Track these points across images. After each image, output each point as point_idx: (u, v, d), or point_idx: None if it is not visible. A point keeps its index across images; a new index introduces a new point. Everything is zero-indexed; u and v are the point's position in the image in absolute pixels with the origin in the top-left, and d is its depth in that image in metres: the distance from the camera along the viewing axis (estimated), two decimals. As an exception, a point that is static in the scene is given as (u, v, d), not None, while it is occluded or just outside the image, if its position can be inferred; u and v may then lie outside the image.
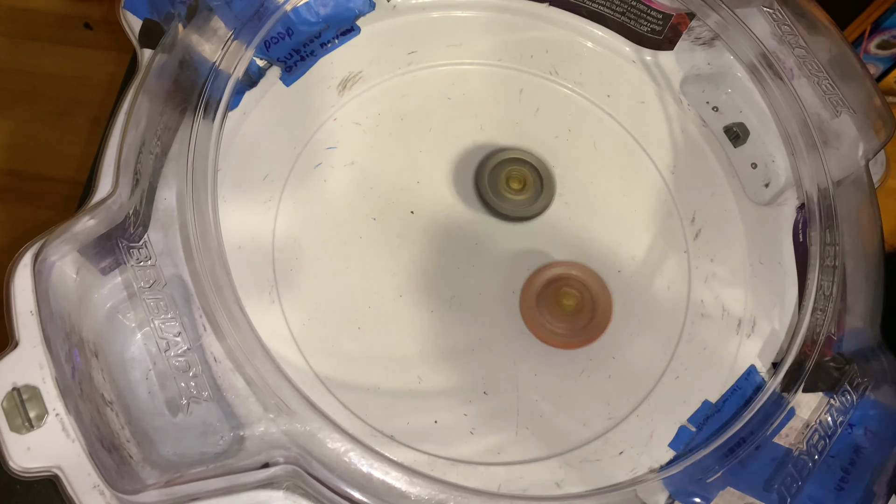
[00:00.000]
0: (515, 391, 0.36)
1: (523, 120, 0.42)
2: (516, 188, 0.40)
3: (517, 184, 0.40)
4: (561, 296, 0.37)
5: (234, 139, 0.39)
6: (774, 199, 0.42)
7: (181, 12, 0.37)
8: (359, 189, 0.39)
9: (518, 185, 0.40)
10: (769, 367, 0.38)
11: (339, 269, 0.38)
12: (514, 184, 0.40)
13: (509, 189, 0.39)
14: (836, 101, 0.40)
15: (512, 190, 0.40)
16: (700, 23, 0.43)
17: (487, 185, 0.39)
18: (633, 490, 0.33)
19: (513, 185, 0.40)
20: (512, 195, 0.40)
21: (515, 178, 0.40)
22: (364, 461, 0.31)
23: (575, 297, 0.37)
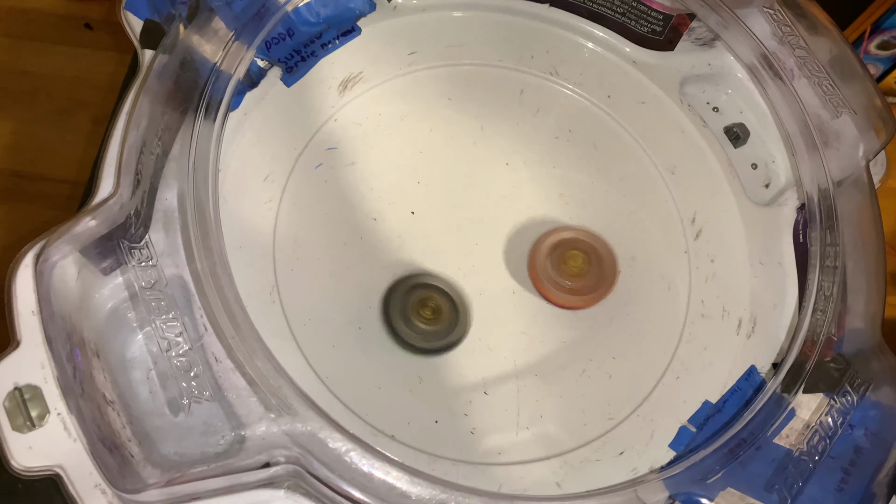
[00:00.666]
0: (516, 391, 0.36)
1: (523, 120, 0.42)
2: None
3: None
4: (567, 257, 0.38)
5: (235, 140, 0.39)
6: (775, 199, 0.42)
7: (182, 13, 0.37)
8: (359, 189, 0.39)
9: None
10: (769, 367, 0.38)
11: (340, 270, 0.38)
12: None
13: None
14: (837, 101, 0.40)
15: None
16: (700, 23, 0.43)
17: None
18: (633, 490, 0.33)
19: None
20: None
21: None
22: (365, 461, 0.31)
23: (581, 257, 0.38)
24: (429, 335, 0.37)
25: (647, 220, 0.41)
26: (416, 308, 0.37)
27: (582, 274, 0.38)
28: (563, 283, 0.37)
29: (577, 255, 0.38)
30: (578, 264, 0.38)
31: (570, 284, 0.37)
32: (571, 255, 0.38)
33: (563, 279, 0.37)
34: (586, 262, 0.38)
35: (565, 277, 0.37)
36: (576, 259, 0.38)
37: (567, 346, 0.38)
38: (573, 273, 0.38)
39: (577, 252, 0.38)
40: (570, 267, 0.38)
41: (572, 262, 0.38)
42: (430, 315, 0.37)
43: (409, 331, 0.36)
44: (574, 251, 0.38)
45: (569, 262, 0.38)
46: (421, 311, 0.37)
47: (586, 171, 0.42)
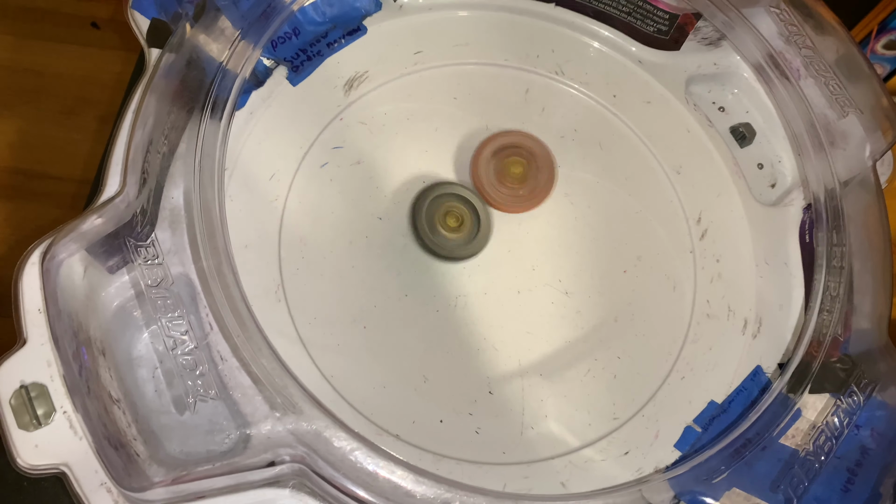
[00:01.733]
0: (521, 391, 0.36)
1: (529, 120, 0.42)
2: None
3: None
4: (509, 164, 0.40)
5: (241, 138, 0.39)
6: (781, 199, 0.42)
7: (189, 12, 0.37)
8: (365, 188, 0.39)
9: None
10: (775, 367, 0.38)
11: (345, 269, 0.38)
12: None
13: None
14: (843, 101, 0.40)
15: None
16: (706, 23, 0.43)
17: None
18: (638, 490, 0.33)
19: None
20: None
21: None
22: (370, 460, 0.31)
23: (521, 164, 0.40)
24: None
25: (652, 219, 0.41)
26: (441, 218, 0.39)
27: (523, 179, 0.40)
28: (505, 188, 0.39)
29: (517, 162, 0.40)
30: (519, 171, 0.40)
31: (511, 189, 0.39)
32: (512, 161, 0.40)
33: (504, 185, 0.39)
34: (526, 167, 0.40)
35: (506, 182, 0.39)
36: (517, 165, 0.40)
37: (572, 345, 0.38)
38: (515, 179, 0.39)
39: (517, 158, 0.40)
40: (512, 173, 0.39)
41: (513, 169, 0.40)
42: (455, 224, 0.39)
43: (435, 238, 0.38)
44: (515, 157, 0.40)
45: (510, 169, 0.39)
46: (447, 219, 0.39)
47: (591, 170, 0.42)
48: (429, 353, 0.37)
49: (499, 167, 0.39)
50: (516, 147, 0.40)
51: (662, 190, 0.42)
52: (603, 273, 0.39)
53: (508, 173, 0.39)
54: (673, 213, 0.41)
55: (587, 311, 0.38)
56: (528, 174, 0.40)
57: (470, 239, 0.39)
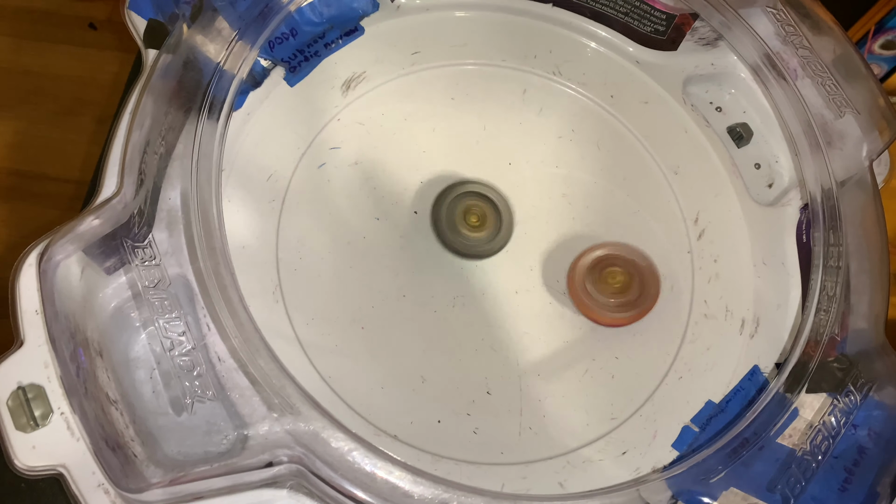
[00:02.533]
0: (518, 391, 0.36)
1: (526, 120, 0.42)
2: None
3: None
4: (607, 275, 0.38)
5: (239, 139, 0.39)
6: (778, 199, 0.42)
7: (185, 12, 0.37)
8: (362, 189, 0.39)
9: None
10: (772, 367, 0.38)
11: (343, 269, 0.38)
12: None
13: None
14: (840, 101, 0.40)
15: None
16: (703, 23, 0.43)
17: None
18: (636, 490, 0.33)
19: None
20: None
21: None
22: (368, 460, 0.31)
23: (621, 274, 0.38)
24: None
25: (650, 219, 0.41)
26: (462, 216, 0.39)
27: (624, 290, 0.37)
28: (607, 301, 0.37)
29: (616, 272, 0.38)
30: (619, 280, 0.37)
31: (614, 301, 0.37)
32: (611, 272, 0.38)
33: (604, 297, 0.37)
34: (626, 277, 0.38)
35: (607, 295, 0.37)
36: (615, 276, 0.38)
37: (570, 345, 0.38)
38: (615, 290, 0.37)
39: (616, 269, 0.38)
40: (611, 284, 0.37)
41: (611, 280, 0.37)
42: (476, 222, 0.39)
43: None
44: (613, 268, 0.38)
45: (608, 280, 0.37)
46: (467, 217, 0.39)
47: (589, 170, 0.42)
48: (427, 353, 0.37)
49: (598, 278, 0.38)
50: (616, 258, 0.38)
51: (660, 190, 0.42)
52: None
53: (607, 284, 0.38)
54: (670, 214, 0.41)
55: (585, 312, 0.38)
56: (630, 285, 0.38)
57: (492, 237, 0.39)
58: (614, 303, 0.37)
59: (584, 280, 0.37)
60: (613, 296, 0.37)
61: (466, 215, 0.39)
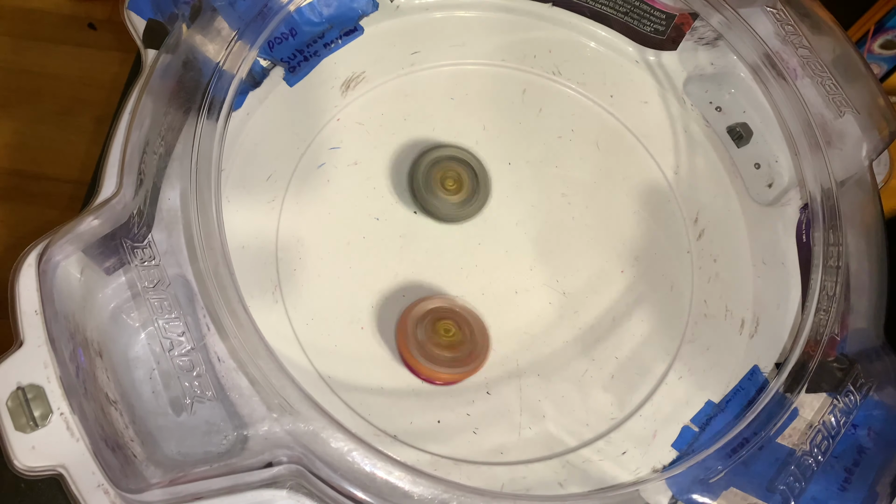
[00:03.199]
0: (518, 391, 0.36)
1: (526, 120, 0.42)
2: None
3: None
4: (440, 327, 0.35)
5: (238, 139, 0.39)
6: (778, 199, 0.42)
7: (185, 12, 0.37)
8: (362, 189, 0.39)
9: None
10: (772, 367, 0.38)
11: (343, 269, 0.38)
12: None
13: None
14: (840, 101, 0.40)
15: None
16: (703, 23, 0.43)
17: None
18: (636, 490, 0.33)
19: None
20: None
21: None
22: (367, 461, 0.31)
23: (454, 329, 0.35)
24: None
25: (649, 219, 0.41)
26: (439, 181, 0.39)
27: (455, 345, 0.35)
28: (440, 355, 0.35)
29: (449, 326, 0.35)
30: (451, 334, 0.35)
31: (446, 355, 0.35)
32: (444, 324, 0.35)
33: (437, 350, 0.35)
34: (458, 331, 0.35)
35: (439, 349, 0.35)
36: (448, 330, 0.35)
37: (569, 345, 0.38)
38: (446, 343, 0.35)
39: (449, 322, 0.35)
40: (442, 337, 0.35)
41: (444, 333, 0.35)
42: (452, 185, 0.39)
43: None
44: (446, 321, 0.35)
45: (440, 332, 0.35)
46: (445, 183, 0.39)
47: (589, 170, 0.42)
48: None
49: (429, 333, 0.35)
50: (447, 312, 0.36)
51: (660, 190, 0.42)
52: (600, 273, 0.39)
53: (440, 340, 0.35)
54: (670, 213, 0.41)
55: (585, 312, 0.38)
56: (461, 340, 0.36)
57: (469, 199, 0.39)
58: (446, 357, 0.35)
59: (415, 330, 0.35)
60: (445, 350, 0.35)
61: (444, 180, 0.39)
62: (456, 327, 0.35)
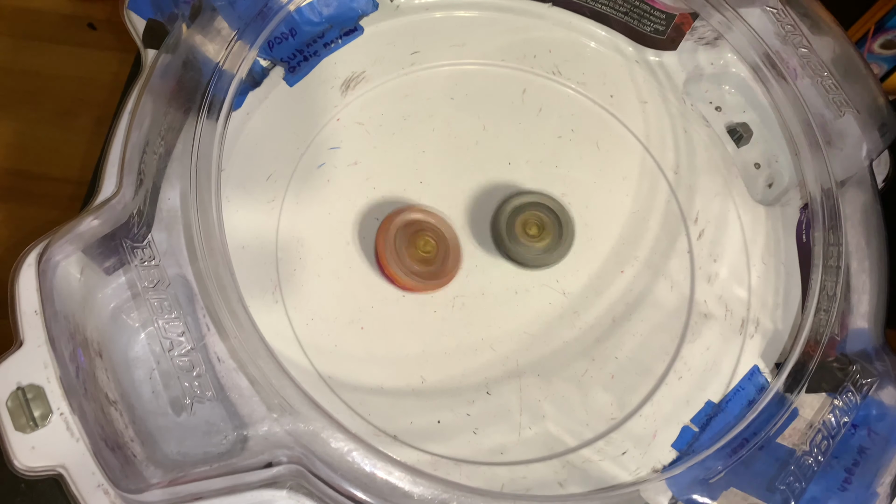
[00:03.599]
0: (518, 391, 0.36)
1: (526, 120, 0.42)
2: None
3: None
4: (418, 239, 0.37)
5: (238, 139, 0.39)
6: (778, 199, 0.42)
7: (185, 12, 0.37)
8: (362, 189, 0.39)
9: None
10: (772, 367, 0.38)
11: (342, 270, 0.38)
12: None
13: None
14: (840, 101, 0.40)
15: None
16: (703, 23, 0.43)
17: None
18: (636, 490, 0.33)
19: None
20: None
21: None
22: (367, 461, 0.31)
23: (431, 243, 0.37)
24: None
25: (649, 219, 0.41)
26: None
27: (430, 259, 0.37)
28: (412, 266, 0.37)
29: (428, 240, 0.37)
30: (429, 249, 0.37)
31: (419, 268, 0.37)
32: (423, 238, 0.37)
33: (412, 262, 0.37)
34: (435, 246, 0.37)
35: (414, 261, 0.37)
36: (426, 243, 0.37)
37: (569, 345, 0.38)
38: (421, 257, 0.37)
39: (427, 236, 0.37)
40: (420, 251, 0.37)
41: (422, 246, 0.37)
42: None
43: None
44: (425, 234, 0.37)
45: (418, 245, 0.37)
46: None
47: (589, 170, 0.42)
48: (426, 353, 0.37)
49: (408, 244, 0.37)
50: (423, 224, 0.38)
51: (660, 190, 0.42)
52: (600, 273, 0.39)
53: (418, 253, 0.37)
54: (670, 213, 0.41)
55: (584, 312, 0.38)
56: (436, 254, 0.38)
57: (553, 247, 0.38)
58: (419, 270, 0.37)
59: (394, 239, 0.37)
60: (420, 263, 0.37)
61: (525, 226, 0.38)
62: (434, 242, 0.37)
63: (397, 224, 0.37)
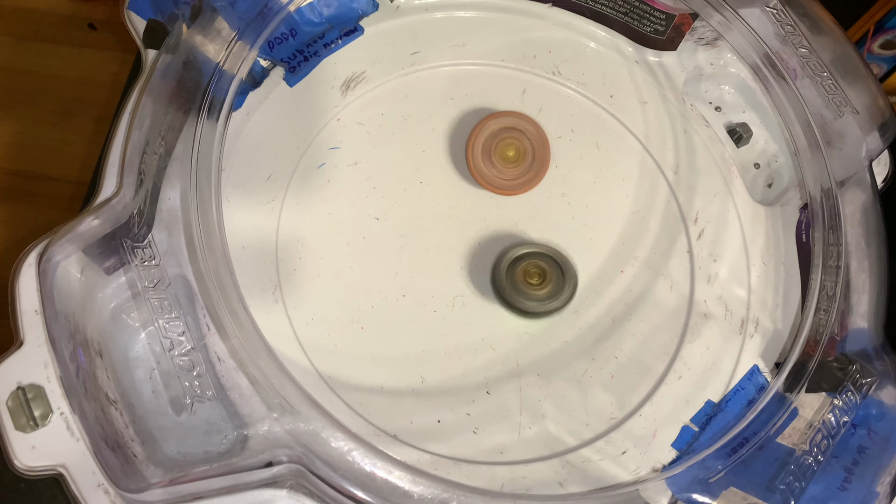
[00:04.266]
0: (518, 391, 0.36)
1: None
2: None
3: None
4: (504, 147, 0.39)
5: (238, 139, 0.39)
6: (777, 199, 0.42)
7: (185, 13, 0.37)
8: (362, 189, 0.40)
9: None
10: (772, 367, 0.38)
11: (342, 269, 0.38)
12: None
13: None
14: (840, 101, 0.40)
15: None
16: (703, 23, 0.43)
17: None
18: (635, 490, 0.33)
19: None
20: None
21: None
22: (367, 460, 0.31)
23: (515, 146, 0.40)
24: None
25: (649, 219, 0.41)
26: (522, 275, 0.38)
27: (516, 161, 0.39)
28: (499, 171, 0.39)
29: (509, 144, 0.39)
30: (512, 154, 0.39)
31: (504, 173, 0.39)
32: (506, 144, 0.39)
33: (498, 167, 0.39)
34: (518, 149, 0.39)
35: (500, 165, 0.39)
36: (510, 148, 0.39)
37: (569, 345, 0.38)
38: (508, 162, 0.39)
39: (511, 141, 0.39)
40: (507, 157, 0.39)
41: (508, 152, 0.39)
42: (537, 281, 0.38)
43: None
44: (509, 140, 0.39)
45: (505, 153, 0.39)
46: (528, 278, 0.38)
47: (589, 170, 0.42)
48: (426, 353, 0.37)
49: (493, 150, 0.39)
50: (511, 129, 0.40)
51: (659, 190, 0.42)
52: (600, 273, 0.39)
53: (502, 156, 0.39)
54: (670, 213, 0.41)
55: (584, 311, 0.38)
56: (521, 156, 0.40)
57: (554, 295, 0.38)
58: (509, 174, 0.39)
59: (480, 149, 0.39)
60: (508, 166, 0.39)
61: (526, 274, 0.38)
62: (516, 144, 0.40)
63: (485, 131, 0.39)
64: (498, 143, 0.39)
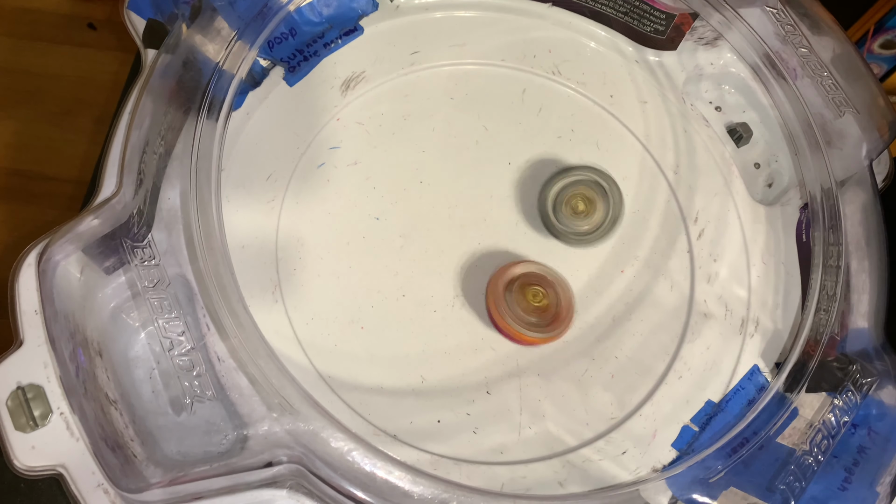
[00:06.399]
0: (518, 391, 0.36)
1: (526, 120, 0.42)
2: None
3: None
4: (527, 293, 0.37)
5: (238, 139, 0.39)
6: (778, 199, 0.42)
7: (185, 12, 0.37)
8: (362, 189, 0.39)
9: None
10: (772, 367, 0.38)
11: (342, 269, 0.38)
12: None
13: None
14: (840, 100, 0.40)
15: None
16: (703, 23, 0.43)
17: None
18: (635, 490, 0.33)
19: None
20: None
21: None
22: (367, 460, 0.31)
23: (541, 294, 0.37)
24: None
25: (649, 219, 0.41)
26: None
27: (543, 308, 0.37)
28: (526, 319, 0.36)
29: (537, 290, 0.37)
30: (539, 298, 0.37)
31: (533, 319, 0.36)
32: (532, 290, 0.37)
33: (525, 314, 0.36)
34: (545, 295, 0.37)
35: (527, 312, 0.36)
36: (536, 294, 0.37)
37: (569, 345, 0.38)
38: (534, 308, 0.36)
39: (537, 287, 0.37)
40: (531, 301, 0.36)
41: (532, 297, 0.37)
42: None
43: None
44: (534, 286, 0.37)
45: (528, 297, 0.37)
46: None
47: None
48: (426, 353, 0.37)
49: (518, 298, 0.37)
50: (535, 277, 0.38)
51: (659, 190, 0.42)
52: (600, 272, 0.39)
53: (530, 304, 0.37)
54: (670, 213, 0.41)
55: (584, 311, 0.38)
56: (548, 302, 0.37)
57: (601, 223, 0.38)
58: (533, 321, 0.36)
59: (503, 293, 0.36)
60: (532, 314, 0.36)
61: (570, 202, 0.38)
62: (543, 293, 0.37)
63: (507, 277, 0.37)
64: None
